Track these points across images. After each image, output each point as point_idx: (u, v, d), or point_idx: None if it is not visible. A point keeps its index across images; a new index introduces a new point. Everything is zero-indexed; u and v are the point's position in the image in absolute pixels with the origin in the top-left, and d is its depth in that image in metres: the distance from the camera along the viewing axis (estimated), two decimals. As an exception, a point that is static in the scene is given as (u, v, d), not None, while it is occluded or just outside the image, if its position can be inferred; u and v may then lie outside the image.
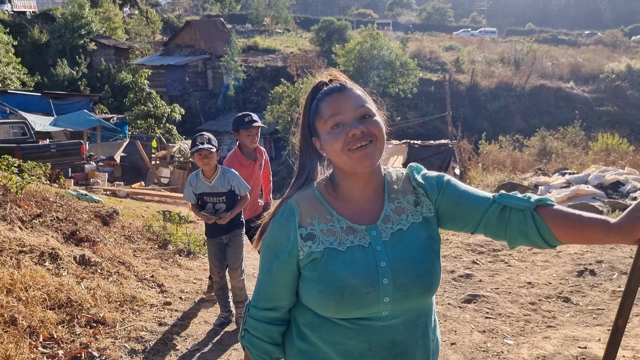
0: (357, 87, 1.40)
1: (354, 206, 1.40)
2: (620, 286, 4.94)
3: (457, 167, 15.95)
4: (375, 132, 1.34)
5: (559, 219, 1.30)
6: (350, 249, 1.33)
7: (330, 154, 1.37)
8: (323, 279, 1.31)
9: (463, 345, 3.85)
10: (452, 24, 59.37)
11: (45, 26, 35.76)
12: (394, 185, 1.45)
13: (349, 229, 1.36)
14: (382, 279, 1.30)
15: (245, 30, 45.21)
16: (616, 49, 41.65)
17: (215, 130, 28.94)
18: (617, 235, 1.20)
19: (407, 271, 1.32)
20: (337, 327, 1.34)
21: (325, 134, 1.36)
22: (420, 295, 1.35)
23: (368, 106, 1.36)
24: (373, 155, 1.33)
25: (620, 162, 11.66)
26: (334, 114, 1.34)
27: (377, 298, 1.30)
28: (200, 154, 3.72)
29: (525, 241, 1.35)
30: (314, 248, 1.34)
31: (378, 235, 1.36)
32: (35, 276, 3.87)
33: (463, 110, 28.71)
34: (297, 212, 1.38)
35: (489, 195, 1.40)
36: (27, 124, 14.22)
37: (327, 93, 1.38)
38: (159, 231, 6.39)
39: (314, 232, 1.36)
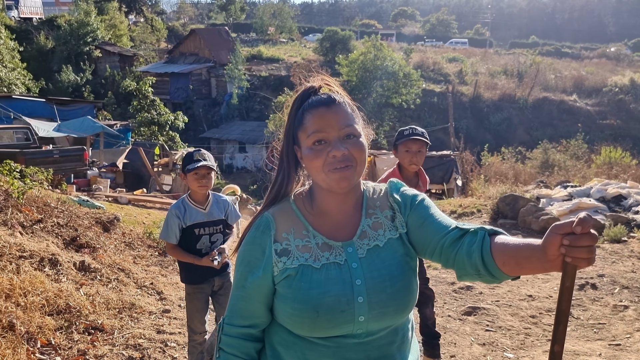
0: (347, 101, 1.37)
1: (331, 221, 1.38)
2: (622, 300, 4.91)
3: (459, 178, 15.94)
4: (356, 155, 1.30)
5: (503, 248, 1.18)
6: (325, 267, 1.31)
7: (309, 169, 1.35)
8: (297, 297, 1.28)
9: (463, 358, 3.82)
10: (456, 36, 59.61)
11: (51, 33, 36.01)
12: (372, 200, 1.43)
13: (325, 245, 1.34)
14: (357, 298, 1.27)
15: (249, 39, 45.47)
16: (620, 62, 41.76)
17: (218, 138, 29.07)
18: (543, 255, 1.08)
19: (382, 289, 1.29)
20: (312, 345, 1.31)
21: (307, 148, 1.32)
22: (396, 313, 1.32)
23: (354, 126, 1.33)
24: (351, 179, 1.31)
25: (623, 175, 11.63)
26: (318, 130, 1.30)
27: (352, 317, 1.27)
28: (197, 173, 3.02)
29: (469, 266, 1.24)
30: (289, 264, 1.31)
31: (354, 251, 1.33)
32: (35, 282, 3.86)
33: (466, 121, 28.76)
34: (273, 225, 1.35)
35: (453, 223, 1.33)
36: (31, 129, 14.28)
37: (314, 105, 1.34)
38: (160, 238, 6.38)
39: (289, 247, 1.33)
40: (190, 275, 3.15)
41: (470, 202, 9.88)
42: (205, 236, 3.09)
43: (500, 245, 1.19)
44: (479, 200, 9.64)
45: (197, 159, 3.02)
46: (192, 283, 3.15)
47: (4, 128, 14.17)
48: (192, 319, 3.18)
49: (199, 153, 3.07)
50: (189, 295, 3.18)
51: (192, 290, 3.15)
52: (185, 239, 3.07)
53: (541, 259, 1.09)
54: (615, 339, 4.17)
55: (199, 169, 3.01)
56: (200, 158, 3.03)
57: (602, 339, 4.20)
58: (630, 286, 5.23)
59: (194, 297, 3.16)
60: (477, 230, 1.25)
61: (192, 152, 3.12)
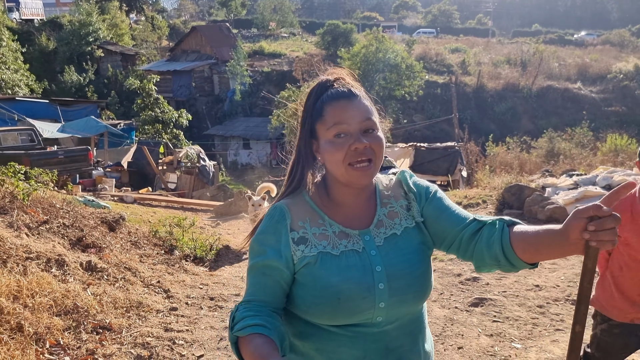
0: (365, 95, 1.37)
1: (346, 212, 1.38)
2: (629, 288, 4.89)
3: (464, 169, 15.89)
4: (376, 150, 1.31)
5: (522, 236, 1.23)
6: (344, 254, 1.31)
7: (329, 162, 1.34)
8: (318, 284, 1.28)
9: (470, 349, 3.81)
10: (458, 26, 59.27)
11: (53, 33, 36.08)
12: (384, 190, 1.44)
13: (342, 234, 1.34)
14: (378, 284, 1.28)
15: (251, 35, 45.38)
16: (624, 48, 41.42)
17: (222, 134, 29.10)
18: (565, 240, 1.12)
19: (403, 275, 1.30)
20: (331, 335, 1.30)
21: (327, 141, 1.32)
22: (415, 300, 1.34)
23: (374, 119, 1.34)
24: (372, 175, 1.33)
25: (629, 163, 11.55)
26: (339, 122, 1.30)
27: (373, 303, 1.27)
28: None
29: (488, 257, 1.27)
30: (307, 252, 1.30)
31: (371, 240, 1.34)
32: (42, 282, 3.88)
33: (470, 112, 28.64)
34: (288, 215, 1.34)
35: (470, 215, 1.36)
36: (35, 130, 14.33)
37: (334, 97, 1.34)
38: (166, 237, 6.40)
39: (306, 235, 1.32)
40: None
41: (475, 193, 9.85)
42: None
43: (518, 234, 1.23)
44: (484, 191, 9.60)
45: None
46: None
47: (9, 130, 14.22)
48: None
49: None
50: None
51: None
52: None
53: (562, 244, 1.13)
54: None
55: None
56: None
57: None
58: (638, 274, 5.20)
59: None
60: (495, 222, 1.30)
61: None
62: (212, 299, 4.84)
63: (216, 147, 28.51)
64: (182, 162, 16.98)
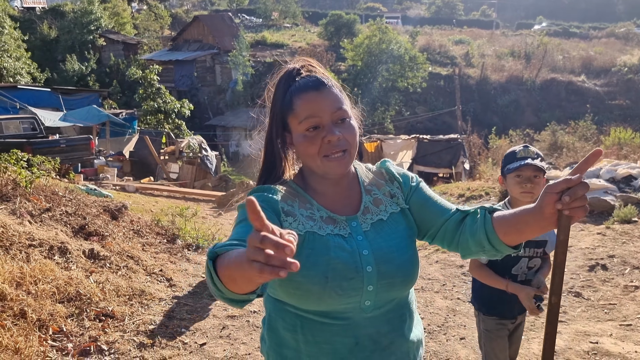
0: (333, 83, 1.35)
1: (331, 200, 1.37)
2: (632, 281, 4.88)
3: (466, 161, 15.86)
4: (350, 139, 1.31)
5: (503, 220, 1.27)
6: (330, 236, 1.30)
7: (303, 155, 1.34)
8: (305, 263, 1.24)
9: (473, 340, 3.82)
10: (462, 18, 58.92)
11: (55, 22, 35.93)
12: (366, 178, 1.44)
13: (329, 219, 1.33)
14: (366, 267, 1.27)
15: (253, 25, 45.15)
16: (629, 42, 41.12)
17: (224, 125, 29.03)
18: (539, 216, 1.16)
19: (390, 259, 1.30)
20: (322, 326, 1.29)
21: (299, 135, 1.31)
22: (403, 284, 1.34)
23: (345, 108, 1.32)
24: (347, 165, 1.33)
25: (633, 156, 11.51)
26: (311, 115, 1.29)
27: (362, 285, 1.26)
28: (521, 174, 2.30)
29: (473, 244, 1.31)
30: (294, 227, 1.27)
31: (358, 226, 1.34)
32: (45, 270, 3.88)
33: (473, 104, 28.51)
34: (276, 191, 1.31)
35: (453, 206, 1.40)
36: (37, 119, 14.32)
37: (303, 89, 1.31)
38: (168, 226, 6.40)
39: (294, 211, 1.30)
40: (493, 304, 2.44)
41: (478, 185, 9.83)
42: (524, 259, 2.36)
43: (499, 218, 1.27)
44: (487, 183, 9.59)
45: (522, 156, 2.32)
46: (496, 315, 2.44)
47: (11, 118, 14.21)
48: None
49: (525, 149, 2.35)
50: (489, 332, 2.46)
51: (494, 325, 2.44)
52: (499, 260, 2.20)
53: (538, 219, 1.17)
54: (626, 319, 4.15)
55: (525, 167, 2.28)
56: (526, 155, 2.32)
57: (613, 319, 4.18)
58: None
59: (496, 335, 2.45)
60: (476, 211, 1.33)
61: (516, 148, 2.39)
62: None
63: (218, 137, 28.46)
64: (184, 152, 16.96)
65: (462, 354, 3.60)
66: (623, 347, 3.62)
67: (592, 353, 3.56)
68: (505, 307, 2.40)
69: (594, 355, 3.53)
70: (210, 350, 3.59)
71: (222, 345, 3.70)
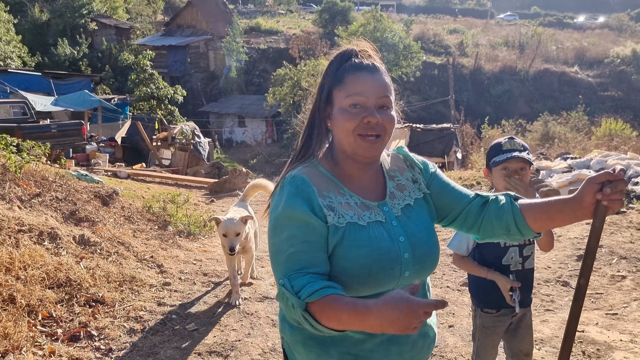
0: (385, 72, 1.40)
1: (358, 184, 1.39)
2: (619, 270, 4.94)
3: (459, 151, 15.91)
4: (387, 127, 1.34)
5: (531, 207, 1.38)
6: (370, 225, 1.32)
7: (338, 130, 1.35)
8: (348, 256, 1.28)
9: (461, 328, 3.86)
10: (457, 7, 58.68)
11: (46, 5, 35.43)
12: (387, 163, 1.48)
13: (363, 205, 1.36)
14: (404, 254, 1.32)
15: (247, 11, 44.77)
16: (622, 33, 41.22)
17: (217, 112, 28.90)
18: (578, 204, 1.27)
19: (422, 244, 1.35)
20: None
21: (341, 108, 1.33)
22: (430, 267, 1.40)
23: (390, 97, 1.36)
24: (379, 150, 1.36)
25: (623, 147, 11.60)
26: (358, 93, 1.32)
27: (400, 273, 1.31)
28: (507, 167, 2.28)
29: (498, 227, 1.40)
30: (337, 221, 1.30)
31: (390, 211, 1.37)
32: (34, 255, 3.87)
33: (466, 94, 28.55)
34: (310, 183, 1.32)
35: (470, 192, 1.48)
36: (28, 103, 14.17)
37: (358, 68, 1.35)
38: (159, 212, 6.38)
39: (333, 204, 1.32)
40: (489, 297, 2.39)
41: (470, 174, 9.88)
42: (513, 248, 2.34)
43: (528, 205, 1.39)
44: (479, 173, 9.63)
45: (508, 148, 2.30)
46: (493, 307, 2.40)
47: (1, 102, 14.05)
48: (486, 356, 2.49)
49: (511, 141, 2.33)
50: (485, 328, 2.44)
51: (491, 320, 2.42)
52: (487, 251, 2.37)
53: (575, 209, 1.28)
54: (612, 308, 4.20)
55: (509, 162, 2.27)
56: (512, 147, 2.30)
57: (600, 308, 4.23)
58: (628, 256, 5.25)
59: (492, 331, 2.44)
60: (499, 198, 1.43)
61: (502, 140, 2.37)
62: (205, 274, 4.85)
63: (211, 124, 28.33)
64: (176, 138, 16.87)
65: (450, 342, 3.64)
66: (608, 336, 3.67)
67: (578, 341, 3.61)
68: (500, 298, 2.36)
69: (579, 344, 3.58)
70: (200, 337, 3.61)
71: (212, 331, 3.71)
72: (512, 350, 2.52)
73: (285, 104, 22.77)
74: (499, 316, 2.41)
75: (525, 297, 2.41)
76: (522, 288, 2.35)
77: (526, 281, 2.40)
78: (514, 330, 2.48)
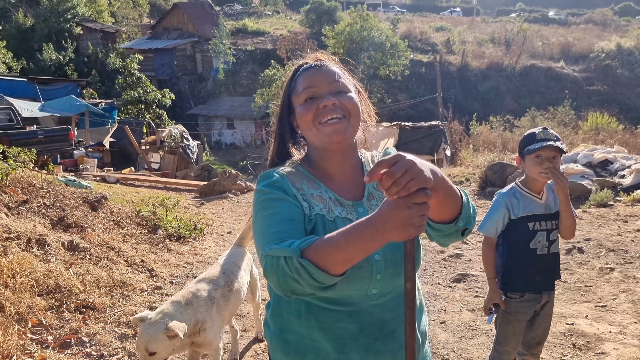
0: (339, 67, 1.40)
1: (337, 183, 1.38)
2: (607, 263, 4.99)
3: (447, 148, 15.99)
4: (349, 107, 1.31)
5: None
6: (338, 219, 1.30)
7: (302, 127, 1.36)
8: None
9: (452, 324, 3.88)
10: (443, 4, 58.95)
11: (30, 10, 35.12)
12: (369, 165, 1.45)
13: (336, 202, 1.34)
14: (374, 255, 1.27)
15: (233, 13, 44.65)
16: (606, 27, 41.64)
17: (206, 114, 28.79)
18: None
19: (396, 247, 1.29)
20: (327, 312, 1.29)
21: (299, 106, 1.35)
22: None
23: (343, 81, 1.35)
24: (345, 131, 1.31)
25: (610, 140, 11.72)
26: (308, 86, 1.34)
27: (370, 273, 1.27)
28: (540, 155, 2.35)
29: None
30: (308, 212, 1.29)
31: (365, 212, 1.33)
32: (23, 262, 3.84)
33: (454, 91, 28.69)
34: (284, 177, 1.32)
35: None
36: (14, 109, 14.03)
37: (306, 69, 1.38)
38: (149, 216, 6.35)
39: (305, 195, 1.31)
40: (515, 280, 2.46)
41: (459, 171, 9.93)
42: (541, 232, 2.41)
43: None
44: (468, 169, 9.69)
45: (542, 137, 2.37)
46: (517, 291, 2.45)
47: (-14, 109, 13.90)
48: (506, 343, 2.52)
49: (545, 131, 2.40)
50: (507, 314, 2.48)
51: (513, 306, 2.46)
52: (515, 234, 2.43)
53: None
54: (601, 300, 4.25)
55: (543, 150, 2.33)
56: (546, 137, 2.37)
57: (589, 301, 4.28)
58: (616, 249, 5.31)
59: (514, 317, 2.47)
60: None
61: (535, 130, 2.44)
62: (196, 277, 4.83)
63: (200, 126, 28.23)
64: (165, 142, 16.81)
65: (442, 338, 3.65)
66: (598, 328, 3.71)
67: (568, 334, 3.65)
68: (525, 281, 2.43)
69: (570, 337, 3.62)
70: (192, 340, 3.59)
71: (204, 334, 3.70)
72: (525, 337, 2.53)
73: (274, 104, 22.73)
74: (522, 302, 2.44)
75: (549, 281, 2.48)
76: (546, 272, 2.44)
77: (551, 265, 2.47)
78: (532, 318, 2.50)
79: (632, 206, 6.63)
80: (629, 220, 6.16)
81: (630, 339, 3.51)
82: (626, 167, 7.96)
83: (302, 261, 1.08)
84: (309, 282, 1.09)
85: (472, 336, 3.68)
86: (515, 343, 2.50)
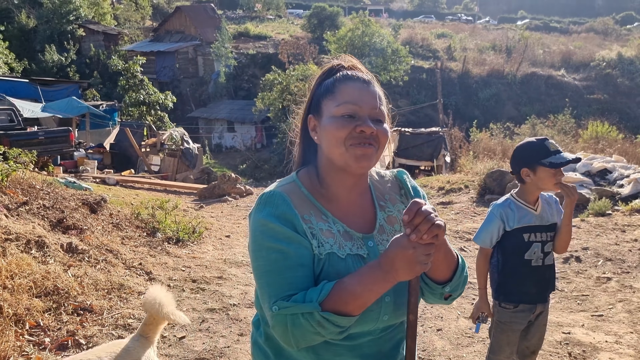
0: (379, 85, 1.34)
1: (345, 210, 1.30)
2: (605, 272, 5.00)
3: (447, 154, 16.00)
4: (381, 139, 1.25)
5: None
6: (350, 257, 1.24)
7: (327, 140, 1.25)
8: None
9: (449, 332, 3.89)
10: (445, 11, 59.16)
11: (33, 11, 35.19)
12: (379, 191, 1.38)
13: (346, 234, 1.27)
14: (385, 297, 1.23)
15: (236, 16, 44.79)
16: (607, 36, 41.76)
17: (206, 117, 28.84)
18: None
19: (404, 287, 1.22)
20: (328, 345, 1.25)
21: (332, 117, 1.24)
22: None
23: (383, 108, 1.28)
24: (371, 159, 1.24)
25: (609, 149, 11.74)
26: (352, 101, 1.24)
27: (378, 315, 1.24)
28: (558, 170, 2.31)
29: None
30: (318, 252, 1.21)
31: (375, 247, 1.28)
32: (22, 264, 3.85)
33: (454, 97, 28.74)
34: (290, 202, 1.23)
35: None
36: (15, 110, 14.05)
37: (351, 78, 1.28)
38: (148, 219, 6.36)
39: (314, 231, 1.23)
40: (508, 290, 2.47)
41: (458, 178, 9.95)
42: (536, 243, 2.40)
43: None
44: (467, 176, 9.70)
45: (556, 149, 2.31)
46: (511, 302, 2.45)
47: (-13, 109, 13.92)
48: (500, 352, 2.53)
49: (553, 142, 2.34)
50: (501, 324, 2.49)
51: (507, 316, 2.46)
52: (511, 246, 2.43)
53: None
54: (598, 309, 4.26)
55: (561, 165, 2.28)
56: (557, 149, 2.31)
57: (585, 310, 4.28)
58: (613, 258, 5.32)
59: (508, 327, 2.48)
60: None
61: (540, 140, 2.36)
62: (194, 281, 4.84)
63: (200, 129, 28.28)
64: (165, 144, 16.83)
65: (438, 345, 3.66)
66: (594, 337, 3.72)
67: (564, 343, 3.66)
68: (519, 292, 2.43)
69: (565, 346, 3.62)
70: (189, 344, 3.60)
71: (201, 338, 3.71)
72: (519, 346, 2.53)
73: (274, 108, 22.77)
74: (516, 312, 2.44)
75: (543, 293, 2.48)
76: (540, 284, 2.45)
77: (546, 277, 2.46)
78: (526, 327, 2.50)
79: (630, 216, 6.64)
80: (627, 230, 6.17)
81: (626, 349, 3.52)
82: (625, 176, 7.98)
83: (325, 314, 1.11)
84: (333, 331, 1.13)
85: (468, 344, 3.69)
86: (509, 352, 2.51)
